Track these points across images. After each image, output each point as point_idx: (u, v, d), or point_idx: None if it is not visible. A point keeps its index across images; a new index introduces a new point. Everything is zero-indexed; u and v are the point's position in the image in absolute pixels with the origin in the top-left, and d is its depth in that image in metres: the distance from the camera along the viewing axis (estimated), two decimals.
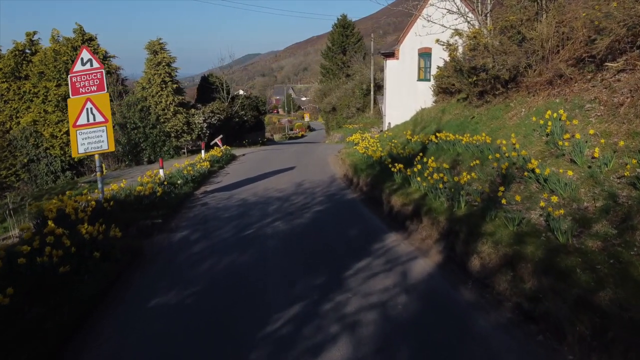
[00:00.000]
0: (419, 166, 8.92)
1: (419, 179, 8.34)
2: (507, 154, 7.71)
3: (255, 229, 7.99)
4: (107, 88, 9.19)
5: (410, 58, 20.89)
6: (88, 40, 25.88)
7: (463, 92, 13.93)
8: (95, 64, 8.87)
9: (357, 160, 14.06)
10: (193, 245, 7.22)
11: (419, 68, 20.43)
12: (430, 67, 19.62)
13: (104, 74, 8.90)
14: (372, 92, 37.94)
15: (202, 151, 16.87)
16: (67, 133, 25.24)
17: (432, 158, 9.42)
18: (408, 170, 9.07)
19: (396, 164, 10.15)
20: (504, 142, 7.98)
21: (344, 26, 48.16)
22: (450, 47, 11.29)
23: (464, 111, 12.74)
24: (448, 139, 10.65)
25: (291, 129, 74.25)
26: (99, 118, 8.65)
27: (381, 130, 33.68)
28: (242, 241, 7.30)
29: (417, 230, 7.13)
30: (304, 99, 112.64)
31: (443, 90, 15.37)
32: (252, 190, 11.83)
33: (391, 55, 22.38)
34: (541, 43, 9.86)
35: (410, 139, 13.74)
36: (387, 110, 23.52)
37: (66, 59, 25.13)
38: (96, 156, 8.72)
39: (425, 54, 19.89)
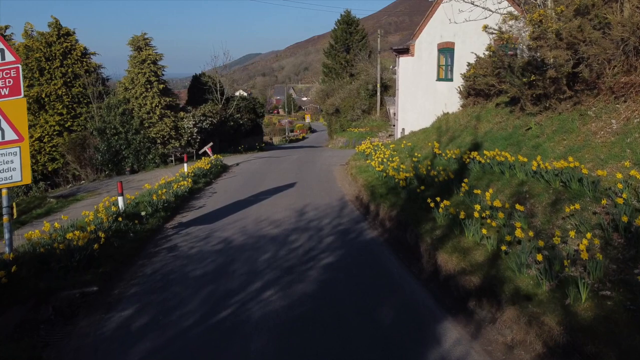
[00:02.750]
0: (478, 208, 6.12)
1: (485, 231, 5.56)
2: (624, 195, 4.98)
3: (235, 305, 5.27)
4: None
5: (429, 54, 18.18)
6: (65, 35, 23.16)
7: (504, 94, 11.22)
8: (9, 57, 6.17)
9: (373, 180, 11.33)
10: (132, 344, 4.49)
11: (439, 66, 17.73)
12: (452, 65, 16.93)
13: (21, 71, 6.17)
14: (378, 93, 35.23)
15: (185, 165, 14.12)
16: (40, 139, 22.59)
17: (490, 191, 6.69)
18: (461, 212, 6.28)
19: (435, 196, 7.42)
20: (618, 175, 5.23)
21: (347, 23, 45.39)
22: (503, 36, 8.57)
23: (511, 119, 10.02)
24: (499, 158, 7.92)
25: (291, 131, 71.54)
26: (11, 135, 5.93)
27: (390, 135, 30.92)
28: (213, 338, 4.57)
29: (494, 322, 4.40)
30: (304, 99, 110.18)
31: (476, 92, 12.65)
32: (239, 223, 9.10)
33: (405, 51, 19.67)
34: (632, 29, 7.17)
35: (440, 154, 11.01)
36: (400, 114, 20.79)
37: (39, 55, 22.43)
38: (4, 192, 5.96)
39: (446, 50, 17.20)
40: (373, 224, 8.74)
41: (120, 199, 8.85)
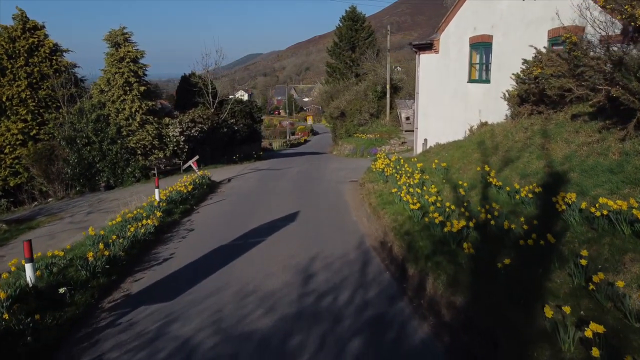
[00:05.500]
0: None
1: None
2: None
3: None
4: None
5: (458, 51, 15.11)
6: (31, 30, 20.06)
7: (585, 102, 8.15)
8: None
9: (405, 221, 8.21)
10: None
11: (471, 64, 14.66)
12: (489, 63, 13.85)
13: None
14: (388, 95, 32.15)
15: (157, 191, 11.01)
16: (0, 149, 19.49)
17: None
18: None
19: (520, 271, 4.33)
20: None
21: (353, 19, 42.23)
22: (636, 12, 5.45)
23: (610, 140, 6.93)
24: (637, 213, 4.82)
25: (293, 133, 68.48)
26: None
27: (403, 142, 27.75)
28: None
29: None
30: (306, 99, 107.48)
31: (537, 99, 9.54)
32: (213, 301, 6.01)
33: (427, 47, 16.61)
34: None
35: (499, 185, 7.91)
36: (420, 121, 17.70)
37: (0, 53, 19.34)
38: None
39: (481, 45, 14.14)
40: (417, 305, 5.65)
41: (28, 267, 5.73)
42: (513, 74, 10.53)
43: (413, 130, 29.46)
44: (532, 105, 9.90)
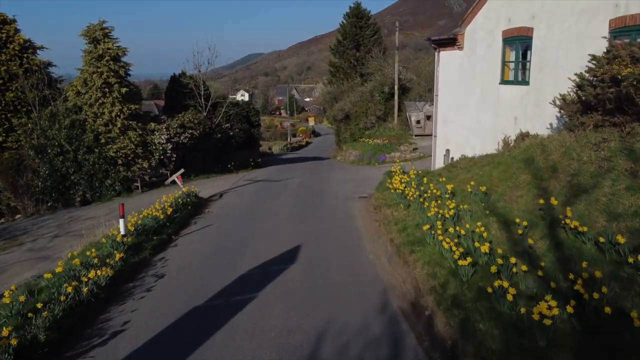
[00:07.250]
0: None
1: None
2: None
3: None
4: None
5: (487, 46, 12.87)
6: (0, 24, 17.87)
7: None
8: None
9: (447, 278, 5.93)
10: None
11: (504, 63, 12.40)
12: (529, 61, 11.61)
13: None
14: (396, 97, 29.87)
15: (121, 222, 8.71)
16: None
17: None
18: None
19: None
20: None
21: (357, 16, 39.90)
22: None
23: None
24: None
25: (294, 135, 66.34)
26: None
27: (415, 149, 25.39)
28: None
29: None
30: (307, 99, 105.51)
31: (616, 106, 7.25)
32: None
33: (449, 43, 14.37)
34: None
35: (574, 228, 5.65)
36: (439, 127, 15.41)
37: None
38: None
39: (517, 40, 11.89)
40: None
41: None
42: (575, 74, 8.23)
43: (424, 135, 27.21)
44: (602, 114, 7.63)
